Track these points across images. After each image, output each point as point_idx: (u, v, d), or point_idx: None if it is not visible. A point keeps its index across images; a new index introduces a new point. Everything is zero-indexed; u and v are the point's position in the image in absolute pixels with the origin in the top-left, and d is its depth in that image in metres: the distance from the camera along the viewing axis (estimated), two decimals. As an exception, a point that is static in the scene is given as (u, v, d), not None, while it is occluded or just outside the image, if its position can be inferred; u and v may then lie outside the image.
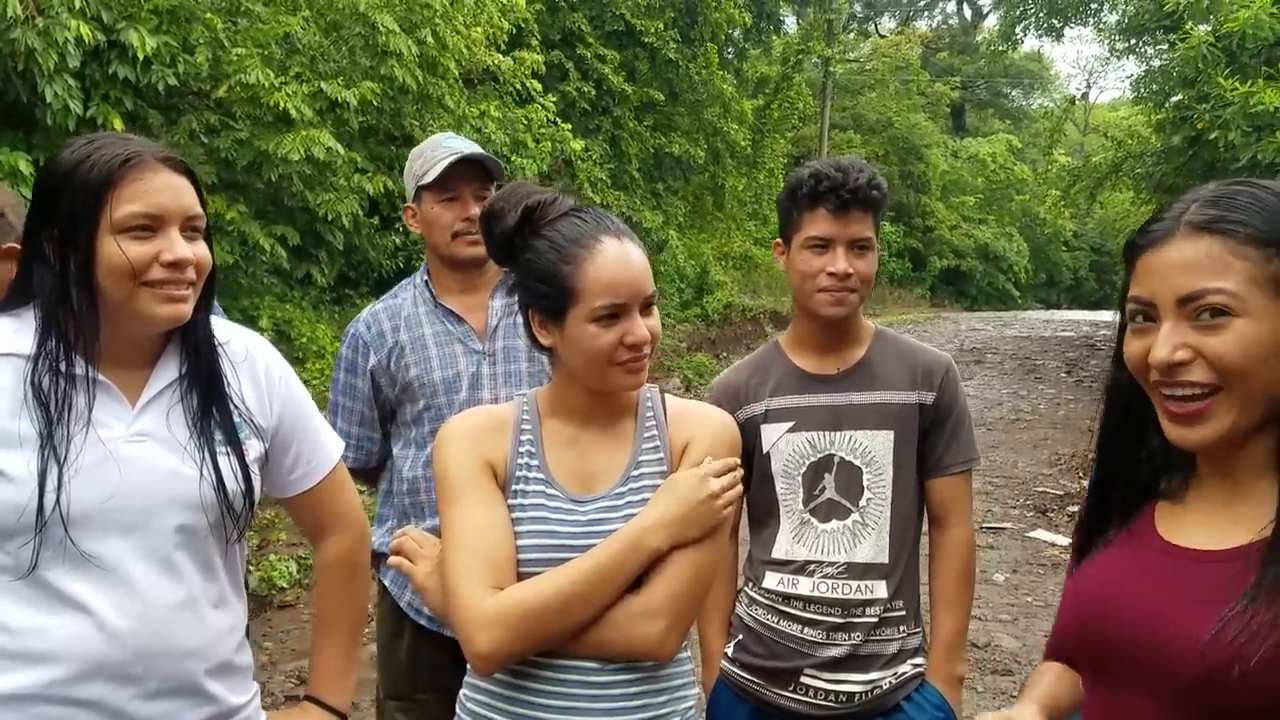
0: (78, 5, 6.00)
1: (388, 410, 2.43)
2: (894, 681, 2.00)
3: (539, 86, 11.51)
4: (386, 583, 2.44)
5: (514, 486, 1.54)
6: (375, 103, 7.87)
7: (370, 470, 2.52)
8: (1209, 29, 9.59)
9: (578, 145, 12.64)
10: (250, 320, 7.48)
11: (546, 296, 1.51)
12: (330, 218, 7.72)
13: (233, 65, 6.94)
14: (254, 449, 1.57)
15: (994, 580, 5.62)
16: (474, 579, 1.44)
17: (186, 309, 1.45)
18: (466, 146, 2.38)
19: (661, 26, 15.16)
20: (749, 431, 2.08)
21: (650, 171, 16.15)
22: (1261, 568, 1.08)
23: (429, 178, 2.34)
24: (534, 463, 1.55)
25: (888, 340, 2.13)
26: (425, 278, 2.47)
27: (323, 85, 7.35)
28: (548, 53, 12.86)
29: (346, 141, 7.76)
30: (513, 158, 11.34)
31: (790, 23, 25.70)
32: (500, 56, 10.58)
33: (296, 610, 5.17)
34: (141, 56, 6.41)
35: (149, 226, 1.41)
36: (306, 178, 7.54)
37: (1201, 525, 1.19)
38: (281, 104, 6.92)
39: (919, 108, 29.23)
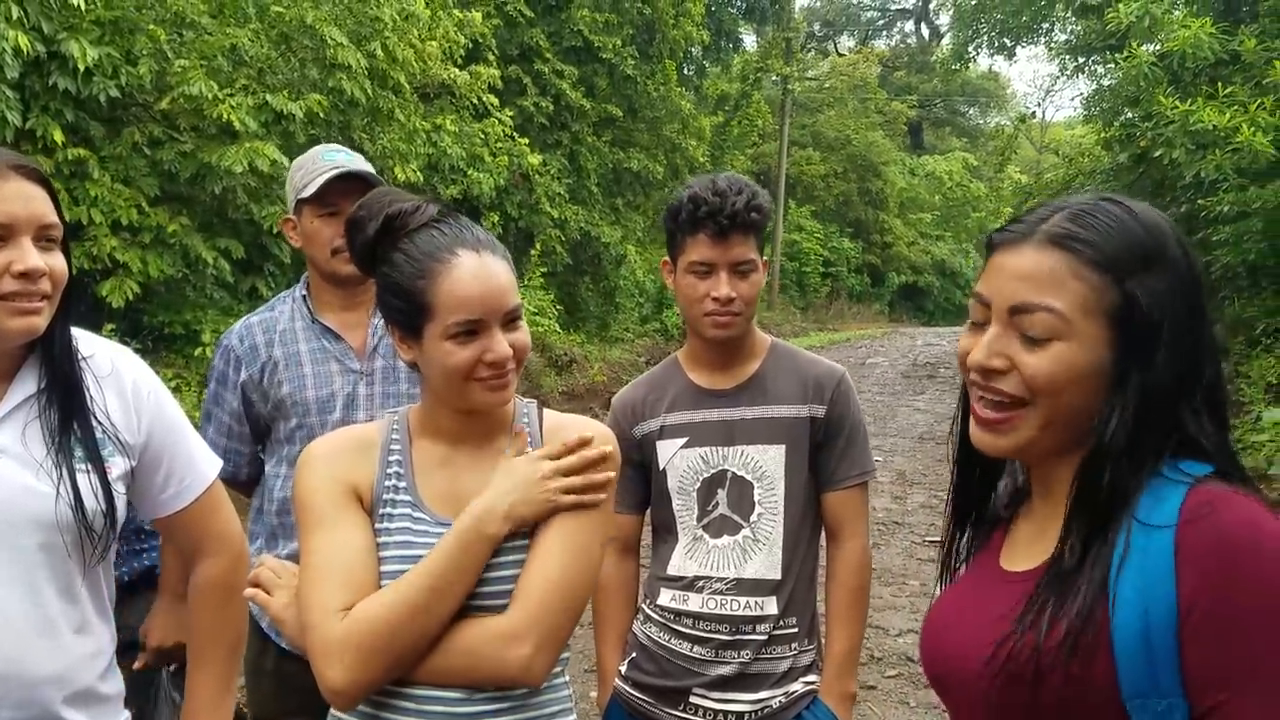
0: (16, 15, 5.92)
1: (262, 426, 2.36)
2: (784, 700, 1.99)
3: (496, 101, 11.48)
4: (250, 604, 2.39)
5: (381, 510, 1.47)
6: (323, 115, 7.81)
7: (241, 482, 2.44)
8: (1153, 49, 9.77)
9: (535, 160, 12.60)
10: (193, 334, 7.39)
11: (403, 312, 1.45)
12: (276, 230, 7.63)
13: (176, 77, 6.87)
14: (118, 466, 1.53)
15: (934, 594, 5.63)
16: (330, 613, 1.36)
17: (40, 321, 1.41)
18: (349, 160, 2.31)
19: (620, 43, 15.17)
20: (646, 447, 2.08)
21: (609, 186, 16.14)
22: (1035, 588, 1.10)
23: (308, 191, 2.27)
24: (402, 485, 1.48)
25: (782, 354, 2.13)
26: (304, 292, 2.39)
27: (268, 97, 7.28)
28: (505, 68, 12.83)
29: (293, 154, 7.66)
30: (469, 171, 11.30)
31: (749, 41, 25.86)
32: (456, 71, 10.55)
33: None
34: (83, 68, 6.34)
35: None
36: (251, 190, 7.46)
37: (1026, 547, 1.20)
38: (225, 116, 6.85)
39: (877, 125, 29.52)
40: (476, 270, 1.42)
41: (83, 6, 6.18)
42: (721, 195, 1.94)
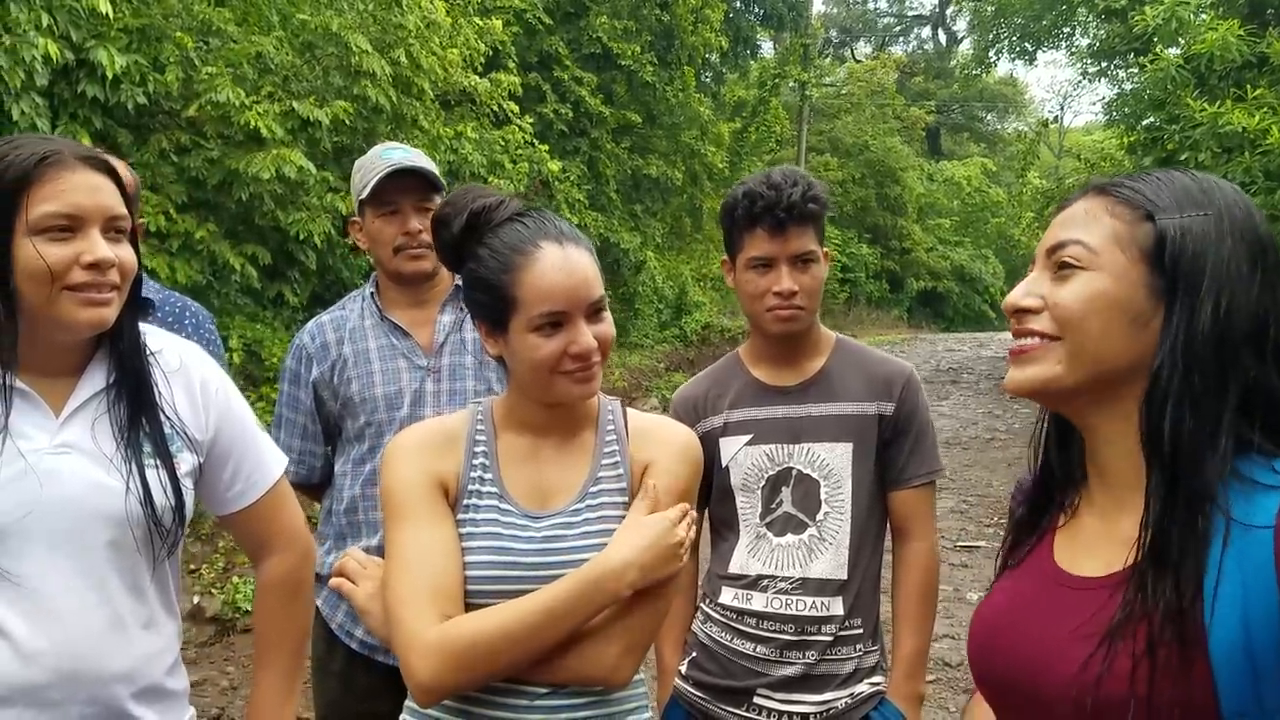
0: (45, 23, 5.96)
1: (332, 425, 2.34)
2: (850, 701, 1.95)
3: (516, 108, 11.48)
4: (319, 603, 2.37)
5: (466, 501, 1.46)
6: (348, 122, 7.82)
7: (314, 485, 2.44)
8: (1178, 52, 9.70)
9: (555, 166, 12.61)
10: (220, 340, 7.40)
11: (488, 306, 1.44)
12: (302, 237, 7.65)
13: (203, 84, 6.89)
14: (186, 462, 1.51)
15: (968, 599, 5.59)
16: (418, 605, 1.35)
17: (109, 313, 1.39)
18: (406, 157, 2.28)
19: (638, 50, 15.19)
20: (708, 444, 2.04)
21: (628, 193, 16.13)
22: (1124, 600, 1.02)
23: (366, 192, 2.26)
24: (488, 476, 1.48)
25: (848, 351, 2.09)
26: (373, 289, 2.39)
27: (295, 105, 7.30)
28: (525, 75, 12.84)
29: (319, 161, 7.71)
30: (490, 178, 11.30)
31: (767, 47, 25.86)
32: (477, 78, 10.56)
33: (261, 634, 5.10)
34: (110, 75, 6.36)
35: (68, 227, 1.35)
36: (278, 197, 7.47)
37: (1091, 547, 1.13)
38: (252, 123, 6.87)
39: (895, 131, 29.38)
40: (560, 262, 1.41)
41: (111, 15, 6.20)
42: (776, 188, 1.91)
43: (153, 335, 1.54)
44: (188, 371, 1.56)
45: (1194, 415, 1.02)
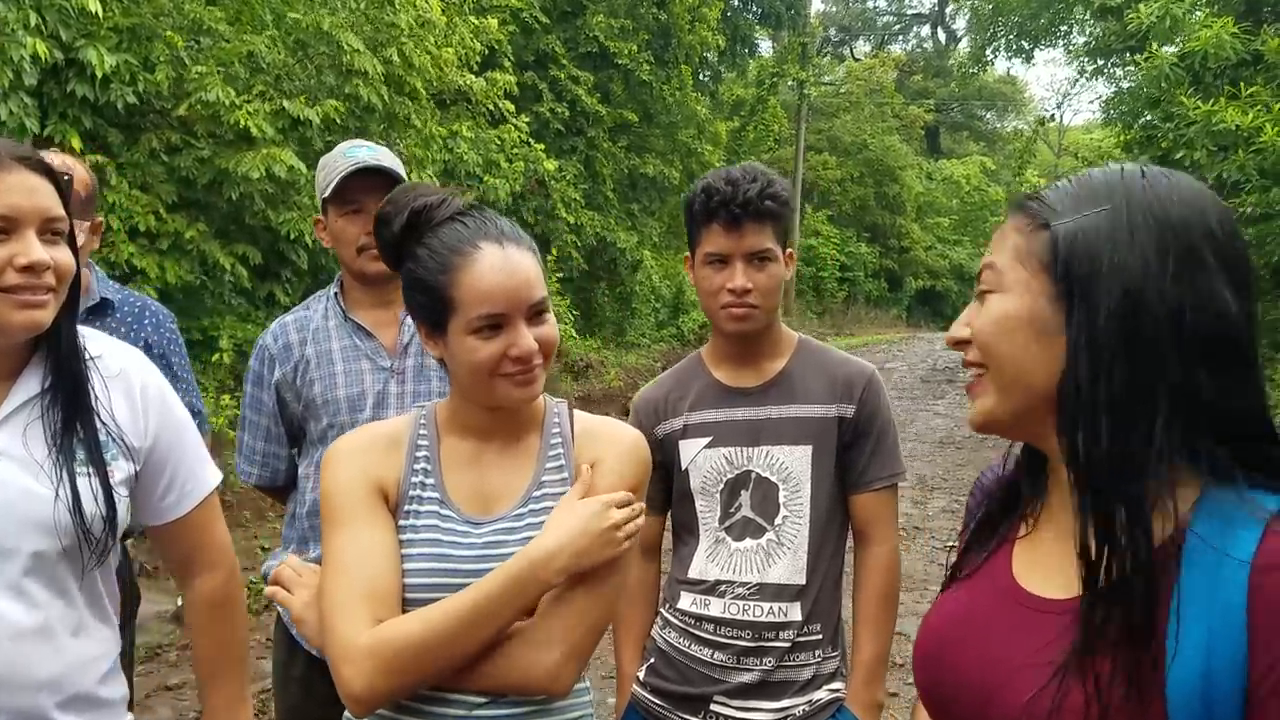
0: (34, 22, 5.94)
1: (296, 427, 2.31)
2: (807, 709, 1.91)
3: (512, 107, 11.47)
4: (279, 609, 2.35)
5: (406, 507, 1.43)
6: (340, 121, 7.80)
7: (279, 488, 2.42)
8: (1173, 50, 9.69)
9: (551, 165, 12.60)
10: (210, 340, 7.39)
11: (427, 308, 1.41)
12: (293, 236, 7.64)
13: (194, 83, 6.88)
14: (121, 470, 1.48)
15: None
16: (352, 612, 1.32)
17: (44, 315, 1.37)
18: (370, 155, 2.25)
19: (635, 49, 15.17)
20: (668, 447, 2.02)
21: (625, 192, 16.12)
22: (1080, 630, 0.95)
23: (329, 190, 2.23)
24: (429, 481, 1.45)
25: (810, 352, 2.05)
26: (337, 289, 2.36)
27: (285, 103, 7.28)
28: (521, 74, 12.82)
29: (310, 160, 7.69)
30: (486, 178, 11.28)
31: (765, 46, 25.84)
32: (472, 77, 10.54)
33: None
34: (100, 74, 6.35)
35: (2, 229, 1.33)
36: (269, 196, 7.46)
37: (1051, 566, 1.07)
38: (242, 122, 6.85)
39: (894, 130, 29.39)
40: (499, 263, 1.38)
41: (100, 14, 6.19)
42: (734, 184, 1.88)
43: (93, 340, 1.52)
44: (128, 377, 1.53)
45: (1113, 427, 0.94)
